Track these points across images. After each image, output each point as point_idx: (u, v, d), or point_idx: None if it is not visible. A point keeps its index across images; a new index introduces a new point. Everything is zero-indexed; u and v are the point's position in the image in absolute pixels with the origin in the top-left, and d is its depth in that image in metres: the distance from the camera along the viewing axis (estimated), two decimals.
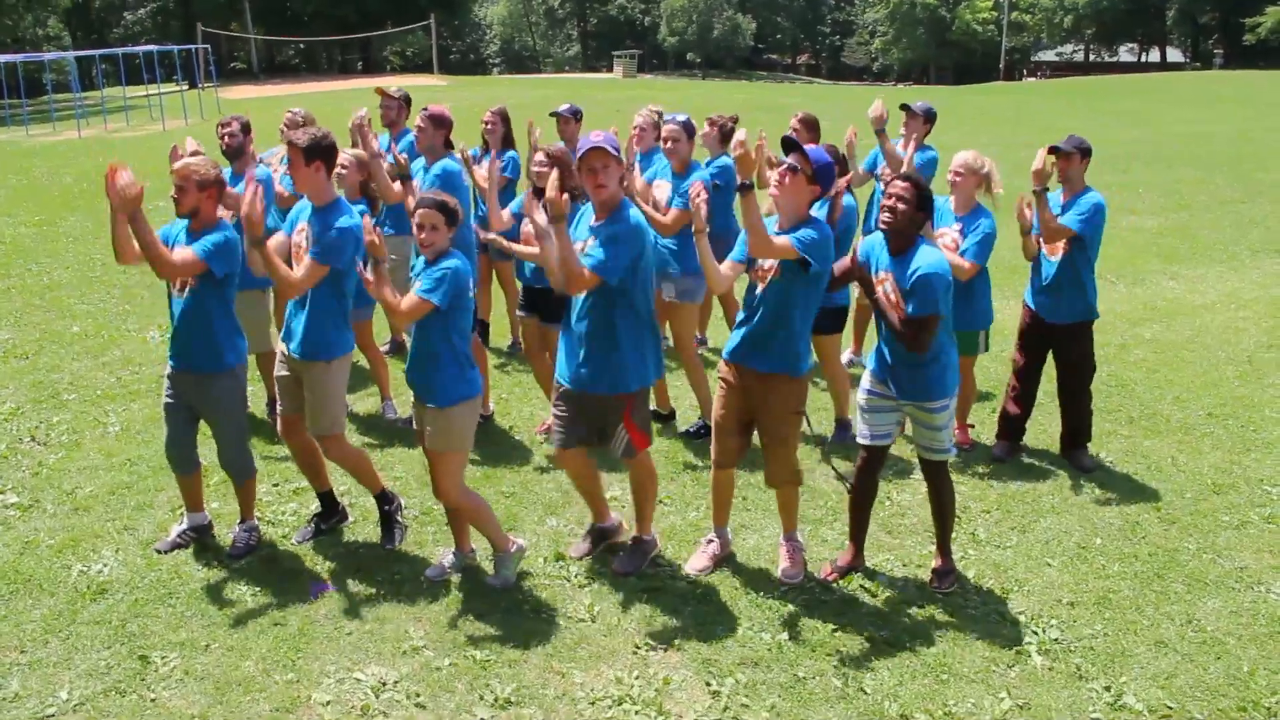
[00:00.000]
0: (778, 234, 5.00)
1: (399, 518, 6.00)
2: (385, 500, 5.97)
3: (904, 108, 8.28)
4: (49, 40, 60.45)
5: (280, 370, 5.83)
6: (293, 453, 6.00)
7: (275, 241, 5.55)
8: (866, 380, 5.42)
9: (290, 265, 5.56)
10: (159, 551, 5.78)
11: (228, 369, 5.58)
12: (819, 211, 5.16)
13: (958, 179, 6.54)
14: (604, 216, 5.19)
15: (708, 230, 5.06)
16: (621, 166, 5.18)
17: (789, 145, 5.12)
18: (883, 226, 5.10)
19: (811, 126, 8.19)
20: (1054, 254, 6.67)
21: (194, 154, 6.11)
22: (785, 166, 5.02)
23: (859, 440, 5.50)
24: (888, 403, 5.35)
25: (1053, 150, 6.51)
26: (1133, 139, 25.12)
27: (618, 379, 5.27)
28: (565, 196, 4.99)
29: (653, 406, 7.53)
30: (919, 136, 8.19)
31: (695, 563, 5.65)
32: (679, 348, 7.40)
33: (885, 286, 5.14)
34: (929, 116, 8.33)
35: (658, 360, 5.40)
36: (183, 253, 5.32)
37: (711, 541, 5.71)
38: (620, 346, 5.22)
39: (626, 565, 5.62)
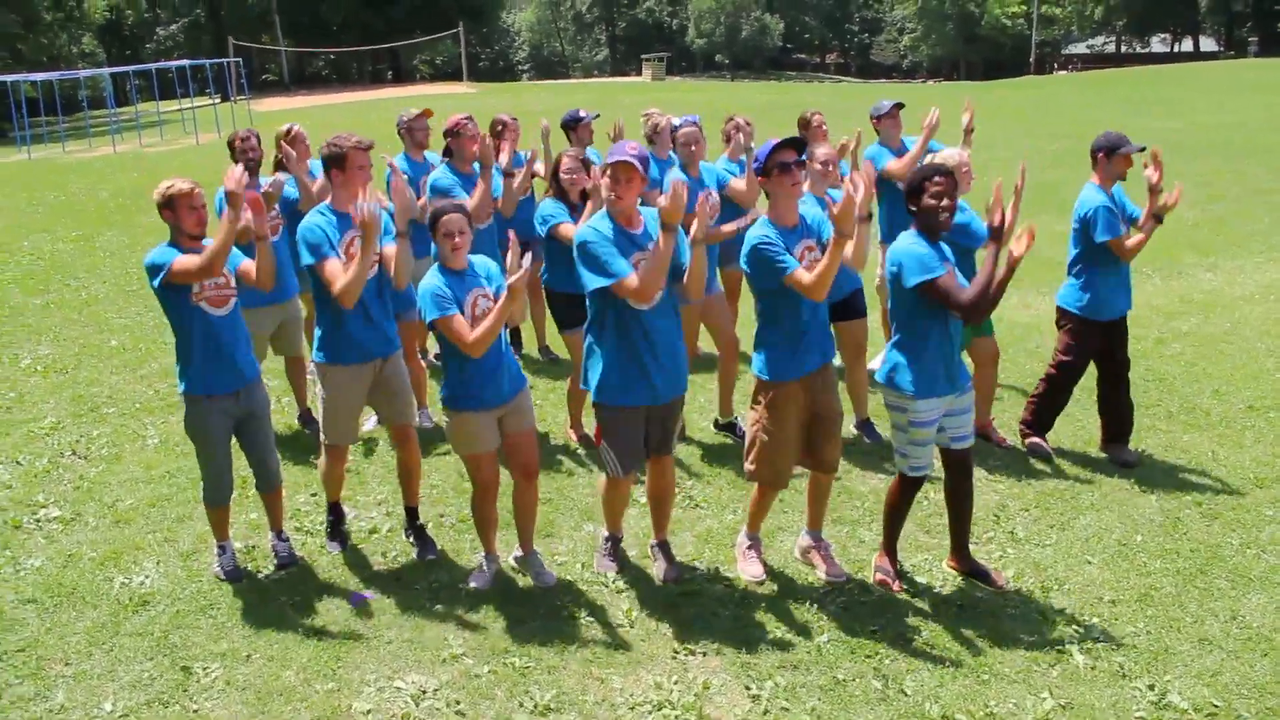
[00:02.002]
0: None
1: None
2: (415, 514, 6.03)
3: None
4: (84, 58, 60.97)
5: (352, 391, 5.73)
6: (410, 465, 5.97)
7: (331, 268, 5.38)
8: (935, 407, 5.20)
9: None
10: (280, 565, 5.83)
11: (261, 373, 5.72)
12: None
13: None
14: (636, 226, 5.18)
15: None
16: (644, 183, 5.18)
17: (801, 145, 5.16)
18: (946, 221, 5.07)
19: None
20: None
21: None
22: (796, 163, 5.09)
23: (923, 473, 5.34)
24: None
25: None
26: (1166, 130, 24.84)
27: (686, 374, 5.44)
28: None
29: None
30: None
31: (753, 570, 5.62)
32: (728, 336, 7.33)
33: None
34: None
35: None
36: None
37: (752, 546, 5.70)
38: (682, 345, 5.37)
39: (672, 573, 5.61)
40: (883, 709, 4.54)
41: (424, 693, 4.71)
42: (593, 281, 5.00)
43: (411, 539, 6.00)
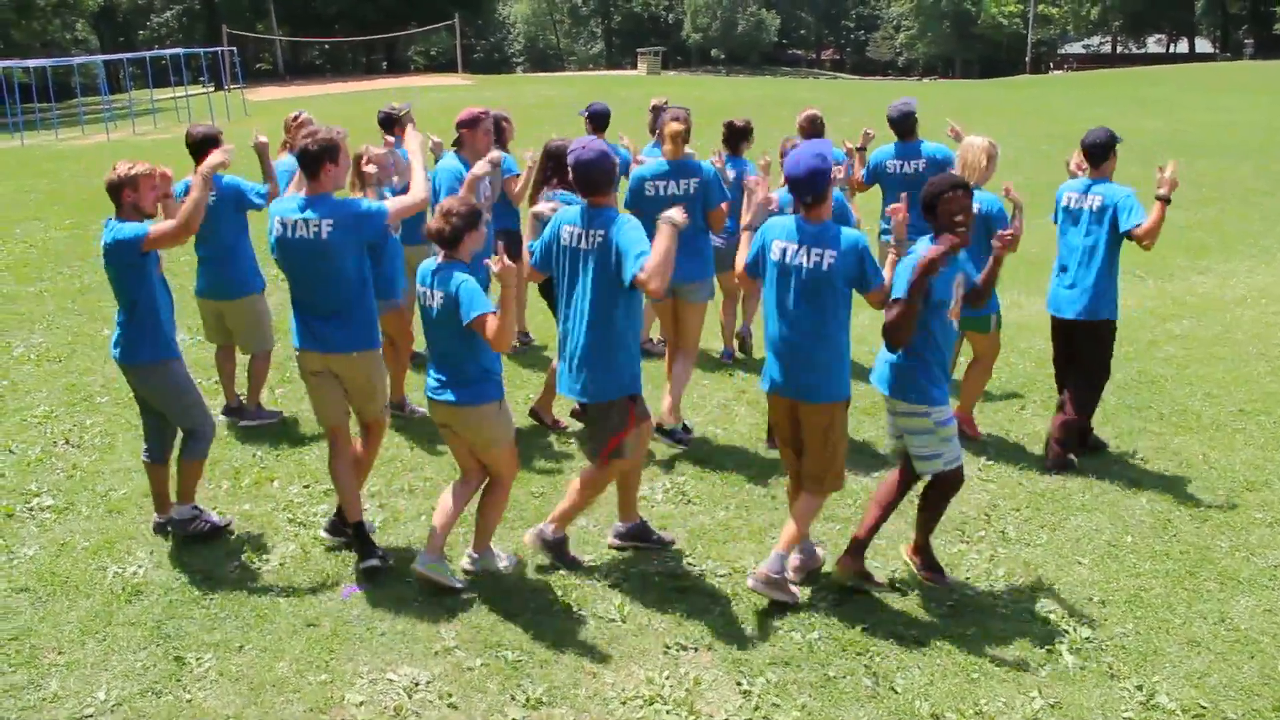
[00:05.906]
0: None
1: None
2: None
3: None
4: (77, 44, 60.87)
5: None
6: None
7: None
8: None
9: None
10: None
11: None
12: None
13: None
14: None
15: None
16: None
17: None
18: (964, 236, 5.06)
19: (813, 124, 8.13)
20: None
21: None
22: None
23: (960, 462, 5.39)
24: None
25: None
26: (1159, 130, 24.91)
27: (627, 382, 5.45)
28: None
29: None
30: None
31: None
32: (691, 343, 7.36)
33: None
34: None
35: None
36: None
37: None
38: (627, 346, 5.39)
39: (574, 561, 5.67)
40: (873, 706, 4.57)
41: (416, 685, 4.73)
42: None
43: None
